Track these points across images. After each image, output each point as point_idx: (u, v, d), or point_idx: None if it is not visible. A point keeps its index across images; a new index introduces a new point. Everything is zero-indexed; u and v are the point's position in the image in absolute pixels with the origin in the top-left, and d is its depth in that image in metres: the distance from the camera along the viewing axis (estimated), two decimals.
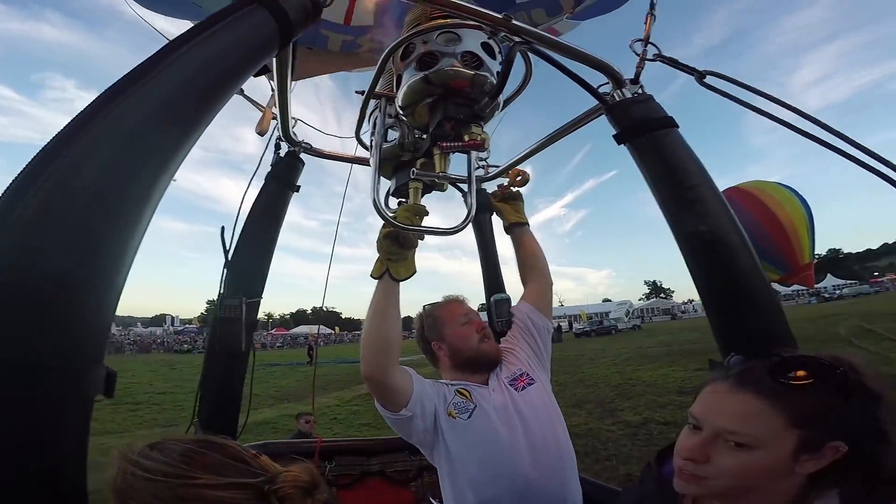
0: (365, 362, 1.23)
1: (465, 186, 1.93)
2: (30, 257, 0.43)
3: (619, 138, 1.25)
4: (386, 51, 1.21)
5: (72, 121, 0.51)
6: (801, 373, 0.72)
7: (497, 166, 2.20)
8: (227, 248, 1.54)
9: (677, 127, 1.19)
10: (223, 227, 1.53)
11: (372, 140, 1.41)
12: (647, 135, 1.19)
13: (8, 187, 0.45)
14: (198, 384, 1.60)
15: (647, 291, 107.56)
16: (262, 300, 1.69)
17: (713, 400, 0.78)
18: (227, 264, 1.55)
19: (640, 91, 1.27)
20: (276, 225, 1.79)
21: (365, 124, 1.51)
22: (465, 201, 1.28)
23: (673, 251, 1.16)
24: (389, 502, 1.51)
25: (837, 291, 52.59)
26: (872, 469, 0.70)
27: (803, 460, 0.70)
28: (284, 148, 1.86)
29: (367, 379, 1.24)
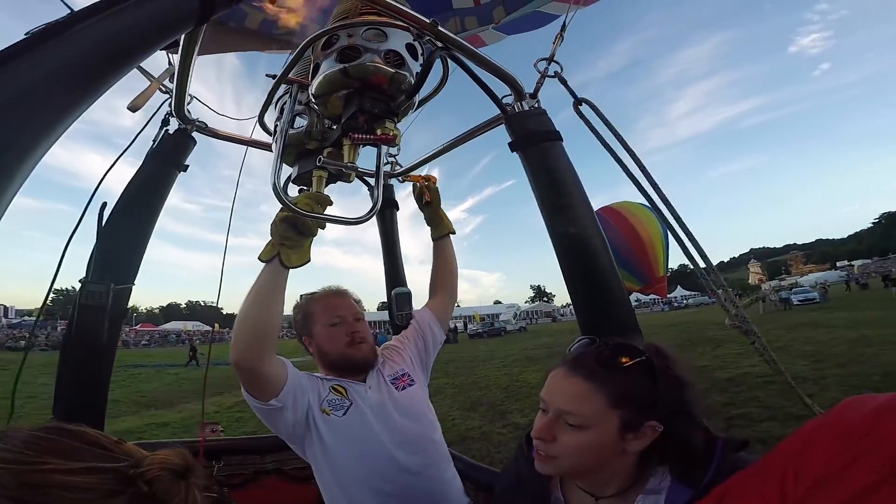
0: (237, 348, 1.17)
1: (371, 180, 1.96)
2: None
3: (512, 146, 1.41)
4: (308, 38, 1.19)
5: None
6: (620, 359, 0.81)
7: (402, 165, 2.26)
8: (99, 226, 1.38)
9: (561, 141, 1.37)
10: (104, 203, 1.38)
11: (276, 125, 1.37)
12: (536, 145, 1.36)
13: None
14: (55, 380, 1.39)
15: (532, 295, 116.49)
16: (133, 287, 1.52)
17: (554, 383, 0.86)
18: (96, 245, 1.37)
19: (536, 105, 1.42)
20: (156, 206, 1.62)
21: (270, 109, 1.45)
22: (371, 194, 1.30)
23: (554, 258, 1.32)
24: (291, 500, 1.44)
25: (685, 301, 62.68)
26: (685, 447, 0.78)
27: (629, 439, 0.78)
28: (174, 125, 1.70)
29: (238, 365, 1.18)
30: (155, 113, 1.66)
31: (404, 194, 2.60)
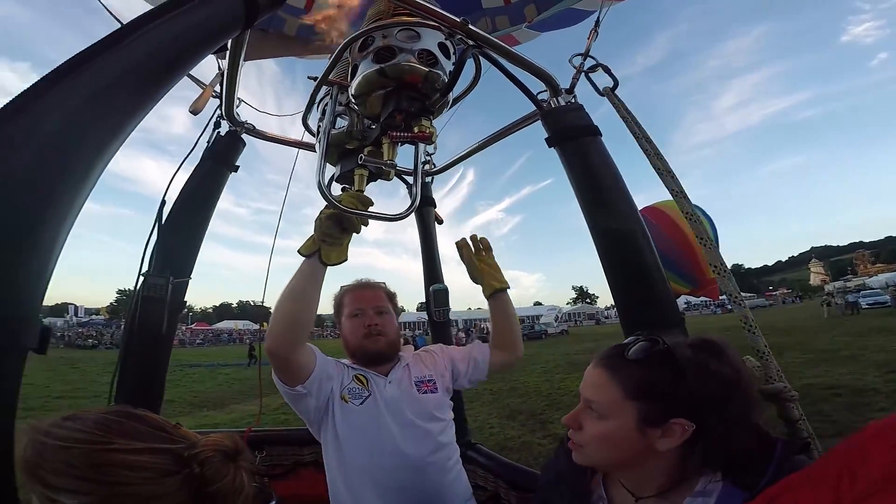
0: (272, 337, 1.23)
1: (410, 178, 2.00)
2: None
3: (549, 142, 1.40)
4: (345, 41, 1.23)
5: (18, 95, 0.50)
6: (635, 349, 0.80)
7: (436, 165, 2.29)
8: (159, 222, 1.49)
9: (600, 135, 1.34)
10: (163, 201, 1.49)
11: (319, 125, 1.42)
12: (574, 140, 1.34)
13: None
14: (115, 369, 1.50)
15: (575, 296, 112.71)
16: (189, 281, 1.63)
17: (587, 374, 0.87)
18: (155, 239, 1.49)
19: (573, 100, 1.41)
20: (210, 204, 1.74)
21: (313, 110, 1.51)
22: (410, 192, 1.32)
23: (597, 258, 1.29)
24: (325, 492, 1.51)
25: None
26: (731, 449, 0.73)
27: (655, 435, 0.75)
28: (225, 127, 1.81)
29: (270, 353, 1.25)
30: (211, 118, 1.77)
31: (440, 194, 2.62)
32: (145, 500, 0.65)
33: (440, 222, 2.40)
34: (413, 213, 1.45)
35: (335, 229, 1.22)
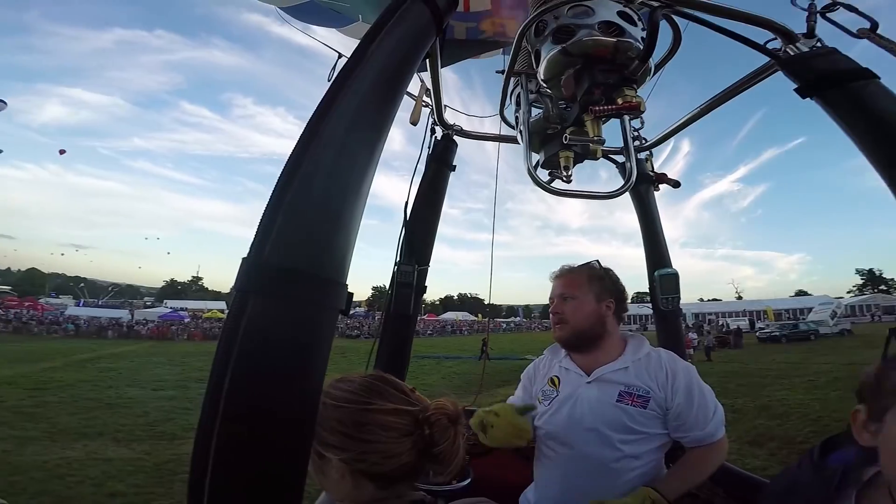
0: None
1: (618, 157, 1.86)
2: (299, 225, 0.60)
3: (803, 91, 1.15)
4: (519, 30, 1.24)
5: (298, 141, 0.65)
6: None
7: (647, 140, 2.04)
8: (405, 220, 1.80)
9: (877, 78, 1.04)
10: (406, 202, 1.80)
11: (517, 116, 1.46)
12: (843, 86, 1.07)
13: (273, 193, 0.61)
14: (374, 341, 1.87)
15: (861, 283, 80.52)
16: (429, 268, 1.92)
17: None
18: (403, 234, 1.79)
19: (818, 45, 1.19)
20: (439, 201, 2.00)
21: (507, 102, 1.57)
22: (622, 170, 1.23)
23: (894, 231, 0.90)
24: (521, 478, 1.58)
25: None
26: None
27: None
28: (438, 133, 2.04)
29: None
30: (426, 126, 2.00)
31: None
32: (386, 458, 0.73)
33: (676, 185, 2.08)
34: (629, 193, 1.37)
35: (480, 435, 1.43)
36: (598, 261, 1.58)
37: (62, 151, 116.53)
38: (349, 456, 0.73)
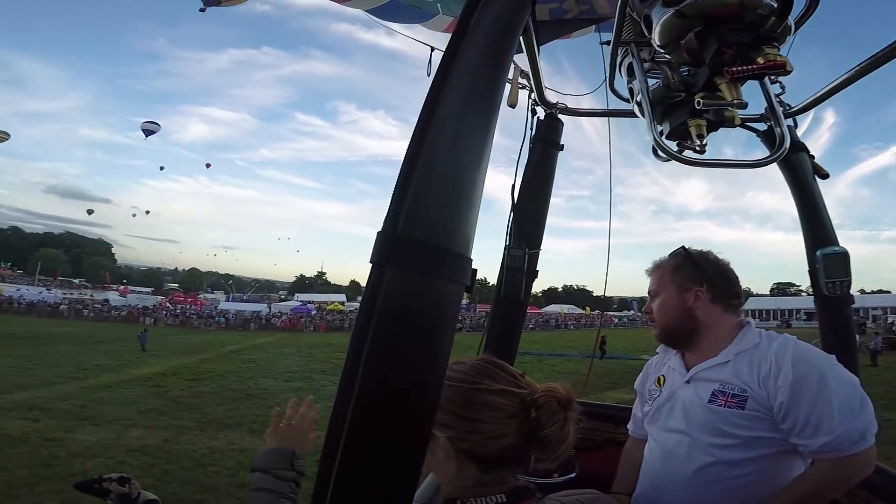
0: None
1: (758, 126, 1.59)
2: (429, 200, 0.60)
3: None
4: None
5: (413, 135, 0.64)
6: None
7: (790, 106, 1.69)
8: (513, 203, 1.75)
9: None
10: (513, 185, 1.75)
11: (630, 87, 1.37)
12: None
13: (398, 181, 0.60)
14: (484, 327, 1.88)
15: None
16: (540, 252, 1.86)
17: None
18: (512, 218, 1.76)
19: None
20: (548, 182, 1.93)
21: (616, 75, 1.46)
22: (768, 138, 1.06)
23: None
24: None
25: None
26: None
27: None
28: (540, 113, 1.94)
29: None
30: (528, 107, 1.90)
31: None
32: (490, 438, 0.75)
33: (824, 176, 1.76)
34: (777, 164, 1.18)
35: None
36: (683, 246, 1.41)
37: (208, 165, 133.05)
38: (454, 434, 0.75)
